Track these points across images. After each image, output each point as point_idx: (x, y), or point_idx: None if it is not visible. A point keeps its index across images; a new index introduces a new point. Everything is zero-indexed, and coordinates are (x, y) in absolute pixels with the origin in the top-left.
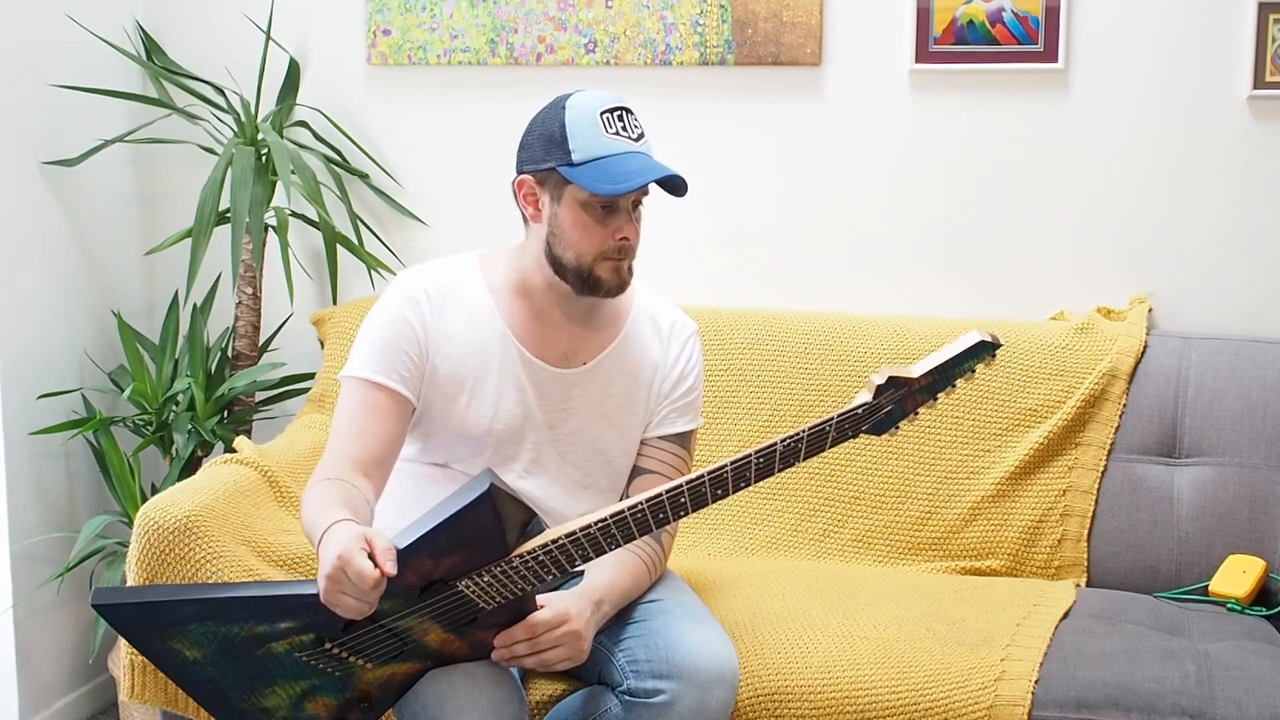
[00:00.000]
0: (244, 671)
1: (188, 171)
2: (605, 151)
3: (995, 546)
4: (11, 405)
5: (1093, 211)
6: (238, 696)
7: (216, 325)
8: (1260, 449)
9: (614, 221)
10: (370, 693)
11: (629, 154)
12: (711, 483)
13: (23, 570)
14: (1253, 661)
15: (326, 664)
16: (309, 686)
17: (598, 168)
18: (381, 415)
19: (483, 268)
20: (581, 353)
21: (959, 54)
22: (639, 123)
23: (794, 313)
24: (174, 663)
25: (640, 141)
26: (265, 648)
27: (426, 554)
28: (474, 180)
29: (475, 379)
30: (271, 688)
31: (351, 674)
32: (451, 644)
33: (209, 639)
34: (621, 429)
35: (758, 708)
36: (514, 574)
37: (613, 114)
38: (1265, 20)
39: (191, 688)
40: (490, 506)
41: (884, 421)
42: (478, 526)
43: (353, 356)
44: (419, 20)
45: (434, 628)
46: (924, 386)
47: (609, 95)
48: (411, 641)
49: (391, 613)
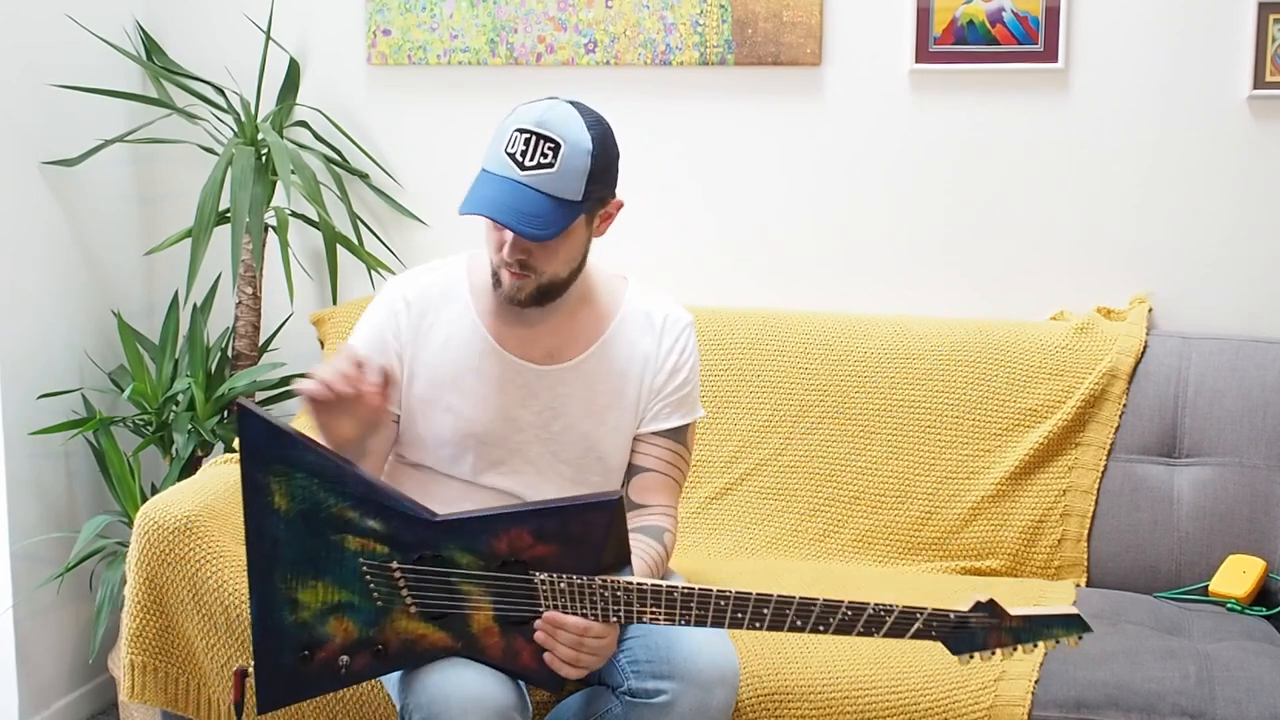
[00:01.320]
0: (307, 549)
1: (188, 171)
2: (488, 168)
3: (995, 546)
4: (11, 405)
5: (1093, 211)
6: (283, 572)
7: (216, 325)
8: (1260, 449)
9: (496, 234)
10: (390, 643)
11: (496, 178)
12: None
13: (23, 570)
14: (1253, 661)
15: (379, 585)
16: (346, 600)
17: (477, 181)
18: None
19: (469, 268)
20: (567, 350)
21: (959, 54)
22: (553, 155)
23: (794, 313)
24: (259, 501)
25: (531, 172)
26: (341, 536)
27: (529, 529)
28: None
29: (454, 382)
30: (318, 580)
31: (390, 611)
32: (490, 636)
33: (304, 496)
34: (612, 425)
35: (758, 708)
36: (588, 594)
37: (523, 134)
38: (1265, 20)
39: (254, 536)
40: (609, 516)
41: (964, 640)
42: (586, 528)
43: None
44: (419, 20)
45: (487, 609)
46: (1011, 628)
47: (543, 116)
48: (462, 610)
49: (465, 568)
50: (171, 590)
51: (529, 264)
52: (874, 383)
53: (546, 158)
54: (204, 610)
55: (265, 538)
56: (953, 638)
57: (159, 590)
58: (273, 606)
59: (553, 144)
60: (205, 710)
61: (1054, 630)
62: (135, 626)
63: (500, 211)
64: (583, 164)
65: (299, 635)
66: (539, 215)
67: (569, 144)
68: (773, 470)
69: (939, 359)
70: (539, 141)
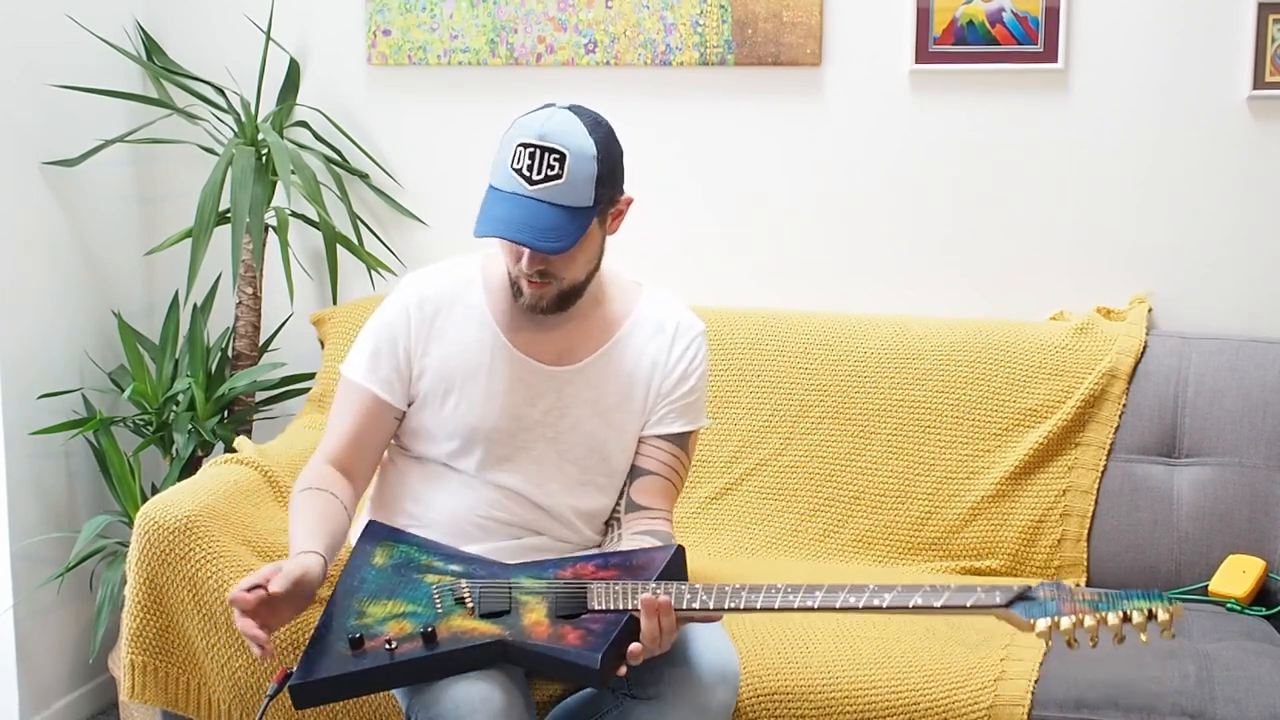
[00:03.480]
0: (389, 583)
1: (188, 171)
2: (496, 184)
3: (995, 546)
4: (11, 405)
5: (1093, 211)
6: (360, 596)
7: (216, 325)
8: (1260, 449)
9: (515, 249)
10: (439, 635)
11: (509, 196)
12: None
13: (23, 570)
14: (1252, 661)
15: (444, 598)
16: (410, 611)
17: (487, 199)
18: (367, 418)
19: (483, 268)
20: (578, 351)
21: (959, 54)
22: (559, 165)
23: (794, 313)
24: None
25: (540, 186)
26: (423, 575)
27: (595, 562)
28: (474, 180)
29: (465, 380)
30: (389, 600)
31: (448, 614)
32: (539, 627)
33: (401, 555)
34: (619, 427)
35: (758, 708)
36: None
37: (526, 149)
38: (1265, 20)
39: (345, 575)
40: (669, 555)
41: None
42: (649, 560)
43: (350, 353)
44: (419, 20)
45: (540, 607)
46: (1087, 599)
47: (542, 128)
48: (515, 608)
49: (528, 590)
50: (171, 590)
51: (548, 272)
52: (874, 383)
53: (553, 170)
54: (204, 610)
55: (354, 576)
56: (1021, 605)
57: (159, 590)
58: (338, 614)
59: (558, 155)
60: (205, 710)
61: (1135, 600)
62: (135, 626)
63: (515, 230)
64: (590, 170)
65: (355, 631)
66: (554, 228)
67: (573, 153)
68: (773, 470)
69: (939, 359)
70: (544, 154)
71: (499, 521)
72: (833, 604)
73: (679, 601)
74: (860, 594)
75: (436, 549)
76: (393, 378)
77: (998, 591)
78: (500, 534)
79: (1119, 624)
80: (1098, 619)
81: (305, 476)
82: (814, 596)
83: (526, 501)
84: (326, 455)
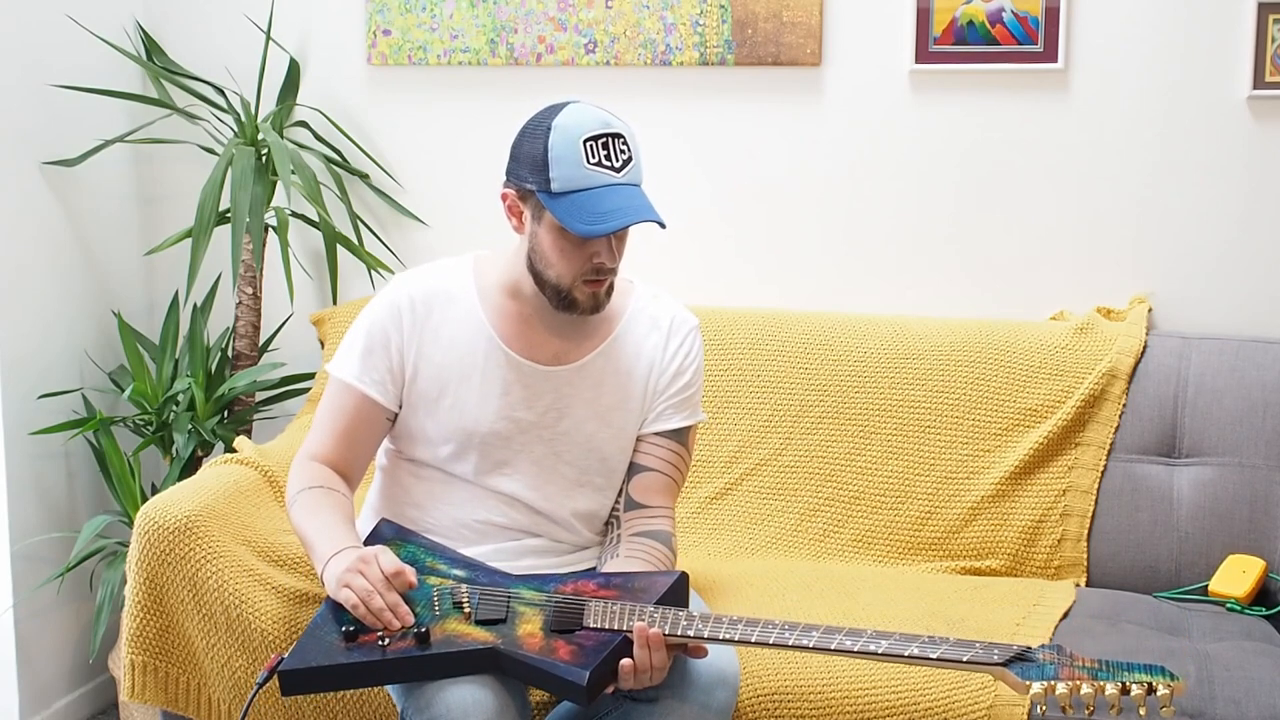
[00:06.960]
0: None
1: (188, 171)
2: (584, 184)
3: (995, 546)
4: (11, 405)
5: (1093, 211)
6: None
7: (216, 325)
8: (1260, 449)
9: (593, 247)
10: (433, 637)
11: (609, 188)
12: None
13: (23, 570)
14: (1252, 661)
15: (443, 601)
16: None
17: (576, 202)
18: (359, 420)
19: (476, 269)
20: (573, 351)
21: (959, 54)
22: (628, 147)
23: (794, 313)
24: None
25: (625, 171)
26: (426, 576)
27: (597, 581)
28: (474, 180)
29: (458, 382)
30: None
31: (445, 617)
32: (532, 638)
33: (407, 556)
34: (617, 427)
35: (758, 708)
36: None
37: (596, 141)
38: (1265, 20)
39: None
40: (672, 580)
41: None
42: (650, 583)
43: (338, 353)
44: (419, 20)
45: (536, 619)
46: (1086, 666)
47: (598, 117)
48: (511, 618)
49: (527, 601)
50: (171, 590)
51: (609, 267)
52: (874, 383)
53: (625, 152)
54: (204, 610)
55: None
56: (1018, 665)
57: (159, 590)
58: (336, 607)
59: (621, 137)
60: (205, 710)
61: (1135, 673)
62: (135, 626)
63: (633, 215)
64: (638, 145)
65: (351, 624)
66: (649, 205)
67: (628, 131)
68: (773, 470)
69: (939, 359)
70: (612, 140)
71: (498, 526)
72: (828, 645)
73: (674, 628)
74: (857, 638)
75: (443, 552)
76: (385, 379)
77: (995, 649)
78: (499, 537)
79: (1117, 695)
80: (1095, 688)
81: (303, 476)
82: (810, 636)
83: (524, 507)
84: (317, 455)
